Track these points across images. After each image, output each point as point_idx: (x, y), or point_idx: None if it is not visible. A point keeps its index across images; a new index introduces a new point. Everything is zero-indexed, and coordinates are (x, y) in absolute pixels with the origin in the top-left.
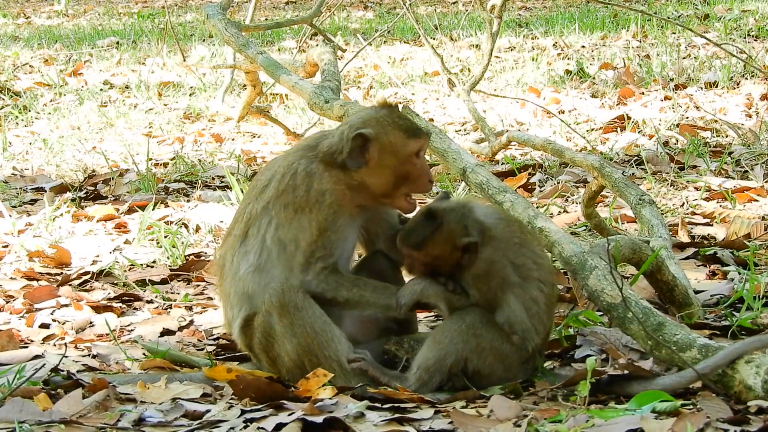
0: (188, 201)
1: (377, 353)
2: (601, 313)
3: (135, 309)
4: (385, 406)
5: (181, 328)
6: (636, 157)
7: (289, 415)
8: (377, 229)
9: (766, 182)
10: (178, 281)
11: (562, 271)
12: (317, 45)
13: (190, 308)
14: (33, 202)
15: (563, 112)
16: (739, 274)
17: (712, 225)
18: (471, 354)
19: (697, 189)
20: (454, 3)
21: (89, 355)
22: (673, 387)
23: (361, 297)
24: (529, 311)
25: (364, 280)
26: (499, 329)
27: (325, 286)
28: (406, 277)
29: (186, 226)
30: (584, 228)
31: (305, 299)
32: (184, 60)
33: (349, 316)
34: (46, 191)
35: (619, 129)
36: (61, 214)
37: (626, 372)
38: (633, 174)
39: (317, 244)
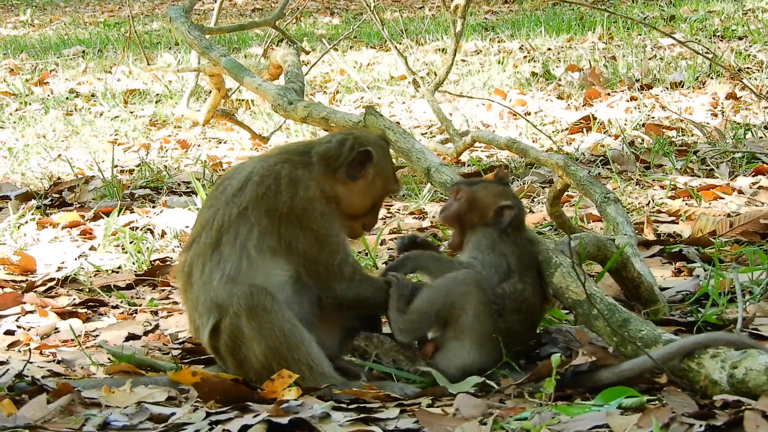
0: (154, 207)
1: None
2: (567, 311)
3: (100, 314)
4: (350, 406)
5: (146, 333)
6: (602, 157)
7: (255, 416)
8: None
9: (731, 180)
10: (144, 286)
11: None
12: (281, 47)
13: (155, 313)
14: None
15: (529, 114)
16: (705, 270)
17: (677, 223)
18: (458, 300)
19: (662, 187)
20: (420, 8)
21: (54, 360)
22: (633, 373)
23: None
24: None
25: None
26: (486, 292)
27: (358, 288)
28: None
29: (151, 232)
30: (550, 227)
31: (274, 302)
32: (148, 64)
33: (314, 316)
34: (11, 199)
35: (585, 130)
36: (26, 222)
37: (591, 359)
38: (599, 174)
39: (328, 251)
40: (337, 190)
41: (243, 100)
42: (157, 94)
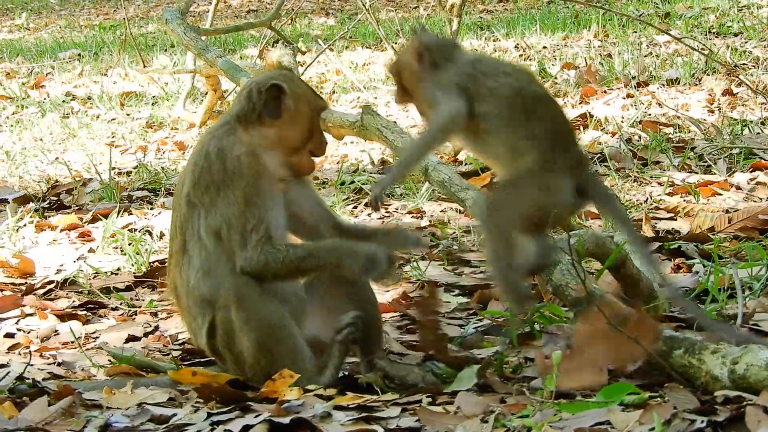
0: (152, 208)
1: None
2: (566, 309)
3: (100, 316)
4: (351, 405)
5: (146, 334)
6: (599, 155)
7: (256, 416)
8: (302, 213)
9: (729, 176)
10: (143, 288)
11: None
12: (277, 48)
13: (155, 314)
14: None
15: None
16: (704, 266)
17: (676, 219)
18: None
19: (660, 184)
20: (415, 8)
21: (54, 363)
22: None
23: (309, 259)
24: None
25: (306, 243)
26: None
27: (265, 258)
28: None
29: (150, 233)
30: None
31: (262, 292)
32: (144, 66)
33: (312, 314)
34: (9, 202)
35: (582, 127)
36: (25, 225)
37: None
38: (596, 171)
39: (247, 215)
40: (269, 135)
41: None
42: (154, 96)
